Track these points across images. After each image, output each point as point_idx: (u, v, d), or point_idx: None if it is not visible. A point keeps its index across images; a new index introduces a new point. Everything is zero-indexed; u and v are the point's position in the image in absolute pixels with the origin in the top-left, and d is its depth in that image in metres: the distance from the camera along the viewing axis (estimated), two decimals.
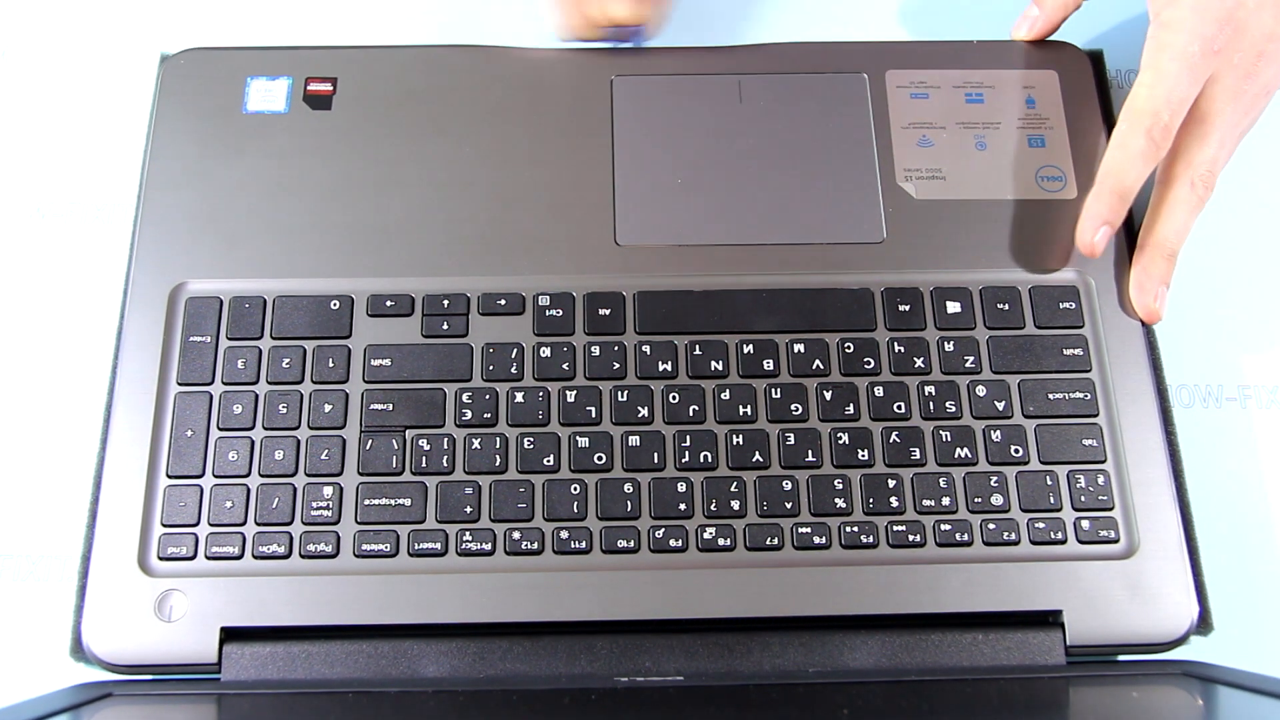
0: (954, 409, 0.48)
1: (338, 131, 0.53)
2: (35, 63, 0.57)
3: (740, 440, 0.47)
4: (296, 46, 0.55)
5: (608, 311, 0.49)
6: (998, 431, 0.48)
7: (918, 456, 0.48)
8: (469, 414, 0.48)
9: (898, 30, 0.58)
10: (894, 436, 0.48)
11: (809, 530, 0.46)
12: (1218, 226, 0.53)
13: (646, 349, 0.49)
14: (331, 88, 0.53)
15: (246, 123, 0.53)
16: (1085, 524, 0.47)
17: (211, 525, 0.46)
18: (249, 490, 0.47)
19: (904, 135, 0.53)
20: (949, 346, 0.49)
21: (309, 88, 0.54)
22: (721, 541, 0.46)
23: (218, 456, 0.47)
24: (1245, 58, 0.48)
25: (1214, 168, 0.49)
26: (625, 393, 0.48)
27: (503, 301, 0.49)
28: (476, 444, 0.47)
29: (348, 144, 0.52)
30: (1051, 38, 0.55)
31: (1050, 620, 0.46)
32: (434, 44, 0.55)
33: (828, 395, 0.48)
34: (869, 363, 0.49)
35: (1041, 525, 0.47)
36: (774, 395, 0.48)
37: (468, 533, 0.46)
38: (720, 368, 0.49)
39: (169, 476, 0.47)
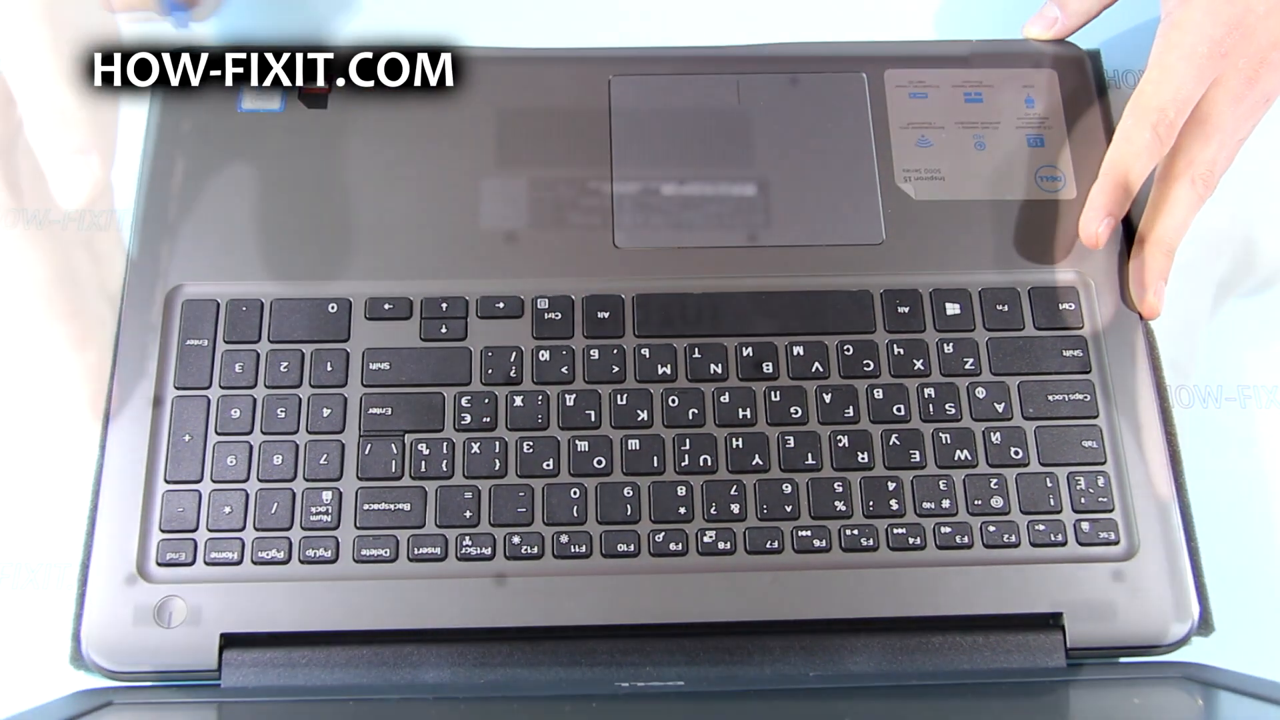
0: (954, 411, 0.48)
1: (334, 130, 0.52)
2: None
3: (740, 443, 0.47)
4: (293, 45, 0.54)
5: (606, 314, 0.49)
6: (997, 433, 0.48)
7: (917, 459, 0.47)
8: (468, 418, 0.48)
9: (897, 30, 0.58)
10: (894, 439, 0.48)
11: (809, 533, 0.46)
12: (1217, 226, 0.53)
13: (645, 352, 0.49)
14: (327, 86, 0.53)
15: (242, 122, 0.52)
16: (1085, 526, 0.47)
17: (210, 531, 0.46)
18: (247, 495, 0.46)
19: (903, 135, 0.53)
20: (948, 348, 0.49)
21: (304, 86, 0.53)
22: (721, 545, 0.46)
23: (216, 461, 0.47)
24: (1249, 63, 0.48)
25: (1214, 168, 0.49)
26: (624, 396, 0.48)
27: (501, 305, 0.49)
28: (476, 448, 0.47)
29: (344, 143, 0.52)
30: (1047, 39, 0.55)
31: (1051, 622, 0.46)
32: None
33: (827, 398, 0.48)
34: (868, 365, 0.49)
35: (1041, 527, 0.47)
36: (773, 398, 0.48)
37: (467, 537, 0.46)
38: (719, 371, 0.48)
39: (167, 482, 0.47)
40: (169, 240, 0.50)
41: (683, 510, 0.47)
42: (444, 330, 0.49)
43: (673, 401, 0.48)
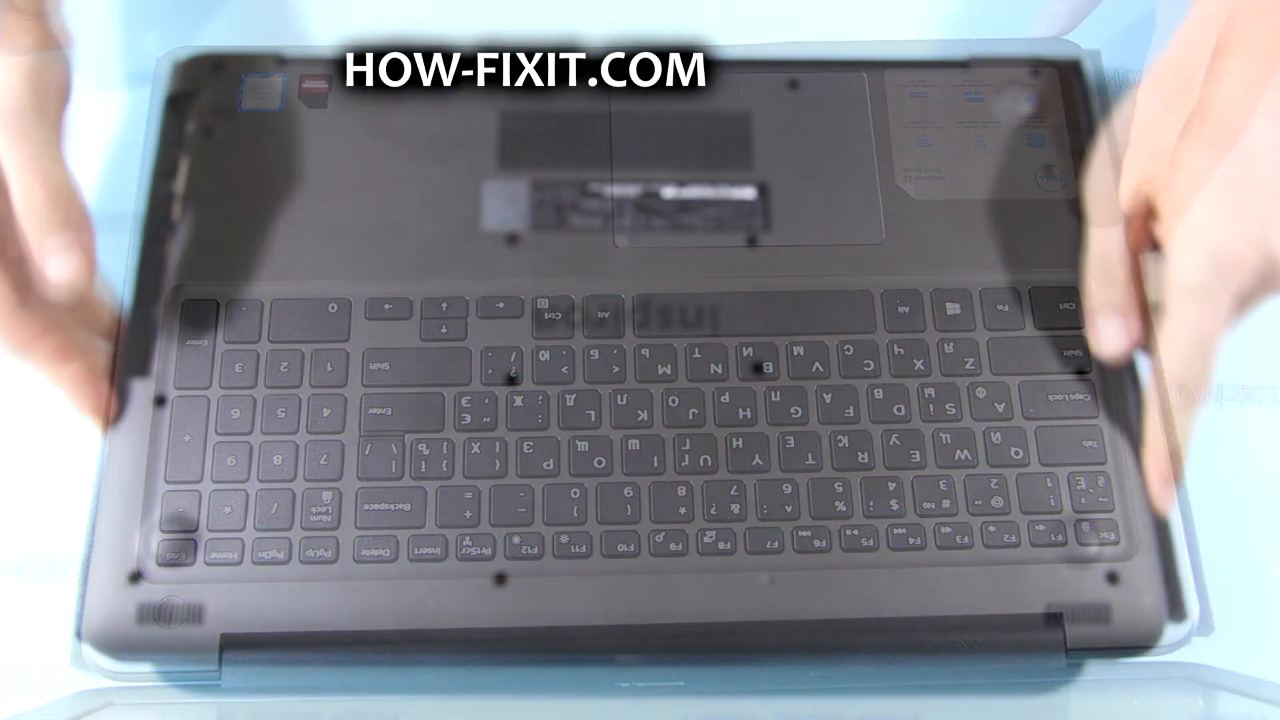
0: (954, 411, 0.48)
1: (334, 130, 0.52)
2: None
3: (740, 443, 0.47)
4: (291, 46, 0.54)
5: (606, 314, 0.49)
6: (998, 434, 0.48)
7: (917, 459, 0.47)
8: (468, 418, 0.48)
9: (897, 31, 0.57)
10: (894, 439, 0.48)
11: (809, 533, 0.46)
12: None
13: (645, 352, 0.49)
14: (327, 85, 0.53)
15: (242, 121, 0.52)
16: (1085, 526, 0.47)
17: (210, 531, 0.46)
18: (247, 495, 0.46)
19: (903, 135, 0.53)
20: (949, 348, 0.49)
21: (304, 85, 0.53)
22: (721, 545, 0.46)
23: (216, 461, 0.47)
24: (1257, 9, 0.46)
25: (1230, 106, 0.44)
26: (624, 396, 0.48)
27: (501, 304, 0.49)
28: (476, 448, 0.47)
29: (344, 143, 0.52)
30: (1051, 36, 0.55)
31: (1051, 623, 0.46)
32: (431, 42, 0.54)
33: (827, 398, 0.48)
34: (868, 365, 0.49)
35: (1042, 527, 0.47)
36: (773, 398, 0.48)
37: (467, 537, 0.46)
38: (719, 371, 0.48)
39: (167, 482, 0.47)
40: (169, 240, 0.50)
41: (683, 510, 0.47)
42: (444, 330, 0.49)
43: (673, 401, 0.48)
